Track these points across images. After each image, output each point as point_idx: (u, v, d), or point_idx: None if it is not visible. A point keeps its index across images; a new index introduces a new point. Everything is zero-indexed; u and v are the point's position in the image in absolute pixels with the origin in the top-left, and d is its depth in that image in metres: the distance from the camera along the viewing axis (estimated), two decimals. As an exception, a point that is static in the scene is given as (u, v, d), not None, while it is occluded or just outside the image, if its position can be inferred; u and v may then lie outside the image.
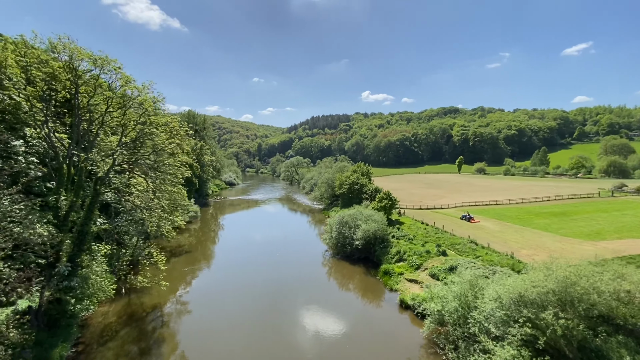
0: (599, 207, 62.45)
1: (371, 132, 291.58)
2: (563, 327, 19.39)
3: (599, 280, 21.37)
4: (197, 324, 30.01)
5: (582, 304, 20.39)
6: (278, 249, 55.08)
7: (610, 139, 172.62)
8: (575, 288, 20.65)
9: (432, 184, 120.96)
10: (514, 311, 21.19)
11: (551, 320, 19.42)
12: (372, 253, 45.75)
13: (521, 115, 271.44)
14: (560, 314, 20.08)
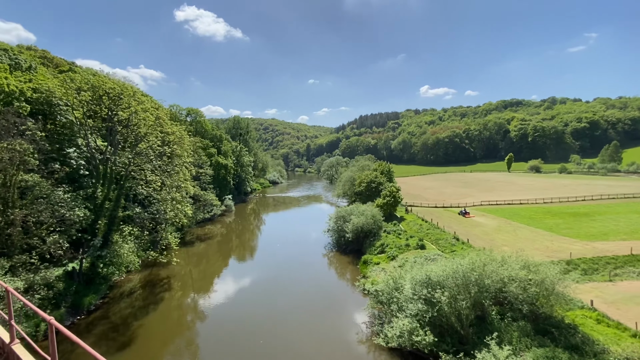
0: (633, 209, 56.05)
1: (420, 130, 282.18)
2: (449, 305, 21.92)
3: (501, 269, 23.22)
4: (198, 289, 37.74)
5: (476, 287, 22.57)
6: (287, 239, 61.70)
7: None
8: (472, 274, 22.86)
9: (469, 182, 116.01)
10: (418, 291, 23.99)
11: (440, 298, 22.04)
12: (362, 245, 49.19)
13: (597, 106, 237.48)
14: (459, 296, 22.55)
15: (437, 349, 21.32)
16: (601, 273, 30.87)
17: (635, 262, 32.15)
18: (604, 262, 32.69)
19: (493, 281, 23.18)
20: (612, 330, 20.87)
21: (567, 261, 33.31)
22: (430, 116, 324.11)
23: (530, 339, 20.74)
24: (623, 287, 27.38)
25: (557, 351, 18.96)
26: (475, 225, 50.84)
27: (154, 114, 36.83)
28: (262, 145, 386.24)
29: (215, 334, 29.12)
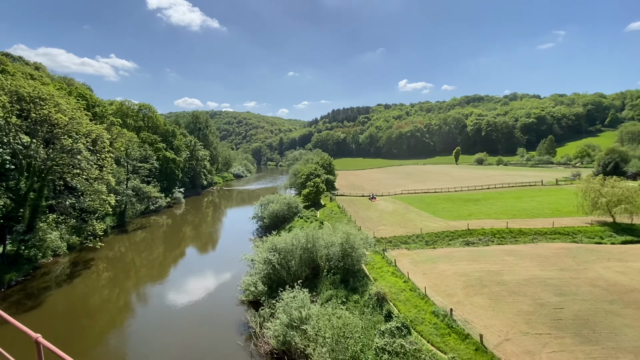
0: (516, 195, 65.75)
1: (387, 124, 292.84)
2: (279, 264, 28.92)
3: (326, 235, 30.40)
4: (123, 271, 43.45)
5: (307, 251, 29.71)
6: (225, 227, 68.11)
7: (630, 125, 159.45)
8: (304, 242, 29.94)
9: (412, 174, 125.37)
10: (264, 255, 30.89)
11: (272, 259, 28.99)
12: (278, 229, 56.04)
13: (547, 102, 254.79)
14: (290, 257, 29.57)
15: (266, 297, 28.31)
16: (437, 243, 38.96)
17: (467, 235, 40.51)
18: (444, 235, 40.91)
19: (320, 246, 30.41)
20: (395, 279, 28.50)
21: (416, 235, 41.49)
22: (398, 111, 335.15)
23: (335, 285, 28.13)
24: (436, 252, 35.42)
25: (340, 292, 26.38)
26: (377, 209, 58.70)
27: (68, 115, 41.58)
28: (235, 139, 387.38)
29: (120, 309, 35.16)
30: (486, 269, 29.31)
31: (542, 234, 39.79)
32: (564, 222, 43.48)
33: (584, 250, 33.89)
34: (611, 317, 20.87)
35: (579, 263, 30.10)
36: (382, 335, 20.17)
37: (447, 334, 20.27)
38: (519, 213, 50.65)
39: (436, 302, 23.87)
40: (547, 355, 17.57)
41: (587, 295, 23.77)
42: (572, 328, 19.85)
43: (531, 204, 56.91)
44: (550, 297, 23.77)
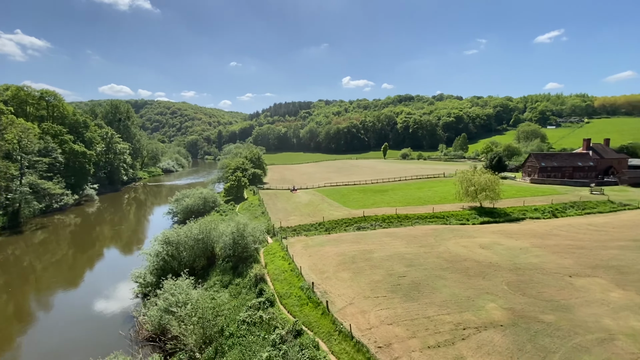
0: (421, 185, 74.47)
1: (327, 120, 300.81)
2: (169, 255, 29.80)
3: (222, 226, 31.84)
4: (5, 275, 39.65)
5: (200, 242, 30.83)
6: (138, 223, 65.06)
7: (525, 125, 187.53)
8: (193, 232, 31.03)
9: (341, 168, 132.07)
10: (157, 247, 31.45)
11: (162, 252, 29.71)
12: (193, 223, 55.94)
13: (465, 103, 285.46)
14: (181, 248, 30.45)
15: (153, 288, 29.07)
16: (335, 230, 43.03)
17: (362, 221, 45.42)
18: (343, 222, 45.31)
19: (215, 236, 31.95)
20: (282, 262, 31.41)
21: (319, 223, 45.24)
22: (338, 107, 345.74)
23: (225, 271, 30.02)
24: (329, 237, 39.42)
25: (226, 277, 28.38)
26: (294, 201, 61.79)
27: None
28: (169, 131, 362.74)
29: None
30: (362, 249, 33.80)
31: (423, 218, 46.43)
32: (444, 208, 51.10)
33: (447, 230, 40.71)
34: (438, 280, 26.20)
35: (438, 240, 36.32)
36: (249, 309, 22.68)
37: (305, 303, 23.59)
38: (414, 201, 57.82)
39: (309, 279, 27.19)
40: (375, 312, 21.73)
41: (429, 265, 29.23)
42: (404, 291, 24.57)
43: (427, 193, 65.09)
44: (401, 268, 28.71)
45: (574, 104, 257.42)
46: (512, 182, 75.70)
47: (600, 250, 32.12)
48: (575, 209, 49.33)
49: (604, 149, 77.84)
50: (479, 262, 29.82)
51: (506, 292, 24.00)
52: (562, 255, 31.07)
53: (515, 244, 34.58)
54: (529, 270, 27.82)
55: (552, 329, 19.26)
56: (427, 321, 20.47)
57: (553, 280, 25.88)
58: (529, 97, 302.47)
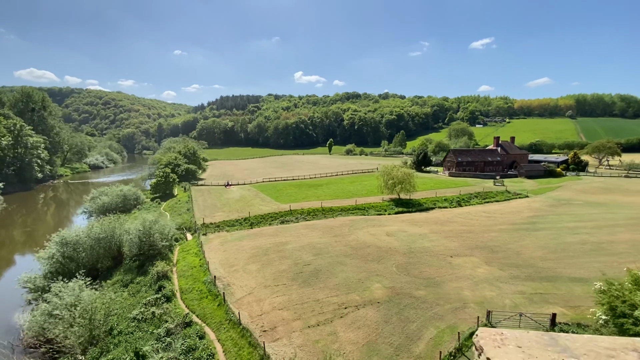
0: (354, 179, 78.31)
1: (275, 114, 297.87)
2: (64, 257, 27.85)
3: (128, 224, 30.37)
4: None
5: (102, 241, 29.13)
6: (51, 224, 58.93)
7: (455, 124, 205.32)
8: (94, 231, 29.28)
9: (286, 164, 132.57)
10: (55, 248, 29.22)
11: (56, 254, 27.66)
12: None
13: (407, 102, 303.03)
14: (79, 249, 28.57)
15: (41, 292, 27.10)
16: (260, 224, 43.59)
17: (287, 215, 46.66)
18: (269, 216, 46.11)
19: (119, 235, 30.57)
20: (193, 258, 31.26)
21: (245, 218, 45.45)
22: (287, 102, 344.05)
23: (130, 270, 28.98)
24: (251, 231, 40.05)
25: (128, 276, 27.48)
26: (226, 197, 61.03)
27: None
28: (100, 123, 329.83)
29: None
30: (278, 241, 34.96)
31: (346, 210, 49.11)
32: (367, 200, 54.51)
33: (363, 220, 43.70)
34: (338, 266, 28.29)
35: (351, 230, 38.91)
36: (143, 306, 22.41)
37: (205, 297, 23.98)
38: (343, 194, 60.69)
39: (216, 273, 27.51)
40: (270, 299, 22.94)
41: (335, 253, 31.35)
42: (305, 277, 26.17)
43: (358, 187, 68.64)
44: (309, 257, 30.39)
45: (498, 105, 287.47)
46: (434, 175, 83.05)
47: (484, 234, 37.20)
48: (478, 199, 55.99)
49: (510, 145, 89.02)
50: (380, 247, 32.72)
51: (393, 273, 26.84)
52: (452, 239, 35.38)
53: (417, 231, 38.43)
54: (419, 253, 31.30)
55: (419, 302, 22.17)
56: (316, 304, 22.19)
57: (436, 260, 29.50)
58: (462, 98, 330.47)
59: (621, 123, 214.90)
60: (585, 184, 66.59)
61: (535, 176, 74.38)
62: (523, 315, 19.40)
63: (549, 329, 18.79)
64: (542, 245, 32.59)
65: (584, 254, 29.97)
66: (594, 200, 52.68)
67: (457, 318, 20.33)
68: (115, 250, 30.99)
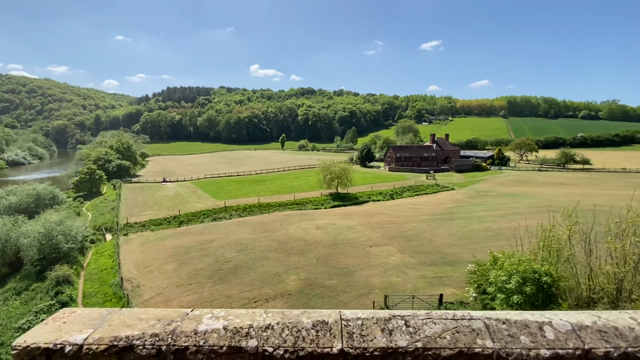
0: (299, 175, 79.00)
1: (228, 108, 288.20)
2: None
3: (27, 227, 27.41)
4: None
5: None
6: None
7: (403, 122, 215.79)
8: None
9: (235, 159, 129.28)
10: None
11: None
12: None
13: (359, 99, 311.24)
14: None
15: None
16: (190, 222, 42.11)
17: (222, 212, 45.71)
18: (201, 214, 44.80)
19: (14, 239, 27.61)
20: (107, 260, 29.35)
21: (174, 216, 43.61)
22: (240, 95, 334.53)
23: (28, 277, 26.36)
24: (177, 230, 38.69)
25: (23, 283, 25.02)
26: (160, 194, 57.97)
27: None
28: (24, 114, 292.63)
29: None
30: (204, 239, 34.15)
31: (283, 205, 49.38)
32: (307, 195, 55.35)
33: (298, 215, 44.34)
34: (260, 261, 28.46)
35: (283, 225, 39.29)
36: (34, 314, 20.59)
37: (110, 300, 22.72)
38: (285, 189, 60.87)
39: (128, 274, 26.14)
40: (180, 299, 22.43)
41: (261, 248, 31.47)
42: (222, 275, 25.96)
43: (302, 182, 69.25)
44: (232, 254, 30.15)
45: (442, 105, 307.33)
46: (376, 170, 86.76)
47: (406, 224, 39.83)
48: (410, 192, 59.66)
49: (444, 142, 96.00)
50: (307, 241, 33.52)
51: (312, 265, 27.71)
52: (375, 230, 37.38)
53: (346, 224, 39.96)
54: (342, 244, 32.65)
55: (329, 291, 23.21)
56: (226, 300, 22.15)
57: (356, 251, 31.01)
58: (411, 97, 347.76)
59: (544, 122, 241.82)
60: (504, 177, 74.31)
61: (464, 170, 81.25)
62: (415, 297, 21.27)
63: (436, 308, 20.84)
64: (452, 233, 35.81)
65: (484, 239, 33.51)
66: (507, 191, 59.00)
67: (359, 304, 21.63)
68: (11, 255, 27.92)
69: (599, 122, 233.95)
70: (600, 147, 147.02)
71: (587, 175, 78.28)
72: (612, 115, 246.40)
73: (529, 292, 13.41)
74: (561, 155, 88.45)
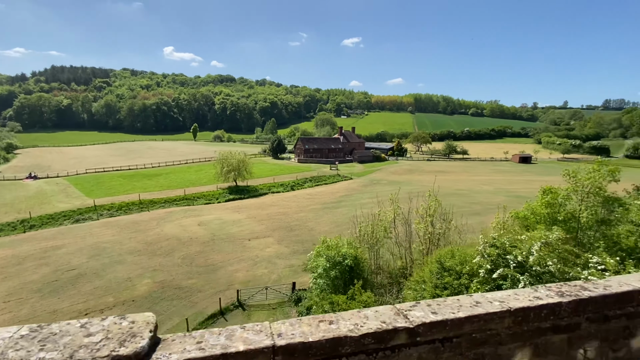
0: (202, 167, 74.19)
1: (132, 93, 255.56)
2: None
3: None
4: None
5: None
6: None
7: (322, 114, 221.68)
8: None
9: (134, 151, 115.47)
10: None
11: None
12: None
13: (281, 90, 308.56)
14: None
15: None
16: (45, 226, 35.46)
17: (90, 212, 39.85)
18: (61, 215, 38.34)
19: None
20: None
21: (21, 220, 36.23)
22: (148, 80, 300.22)
23: None
24: (21, 236, 32.33)
25: None
26: (17, 194, 48.01)
27: None
28: None
29: None
30: (51, 245, 29.03)
31: (171, 202, 45.46)
32: (202, 189, 52.11)
33: (183, 211, 41.23)
34: (113, 266, 25.25)
35: (160, 224, 35.96)
36: None
37: None
38: (178, 184, 56.23)
39: None
40: (-18, 322, 18.28)
41: (121, 251, 28.04)
42: (56, 286, 22.19)
43: (200, 175, 64.99)
44: (81, 260, 26.15)
45: (359, 99, 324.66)
46: (286, 162, 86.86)
47: (295, 214, 40.33)
48: (311, 182, 61.08)
49: (351, 135, 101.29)
50: (180, 239, 31.14)
51: (175, 265, 25.72)
52: (262, 222, 36.89)
53: (234, 217, 38.57)
54: (220, 240, 31.23)
55: (182, 292, 21.69)
56: (49, 316, 18.88)
57: (232, 246, 29.96)
58: (332, 90, 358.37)
59: (442, 118, 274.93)
60: (398, 166, 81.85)
61: (366, 161, 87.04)
62: (269, 288, 21.26)
63: (290, 296, 21.18)
64: (333, 220, 37.49)
65: (354, 225, 35.80)
66: (396, 179, 64.85)
67: (211, 302, 20.68)
68: None
69: (483, 118, 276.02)
70: (481, 140, 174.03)
71: (464, 163, 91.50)
72: (493, 113, 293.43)
73: (333, 275, 14.20)
74: (446, 146, 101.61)
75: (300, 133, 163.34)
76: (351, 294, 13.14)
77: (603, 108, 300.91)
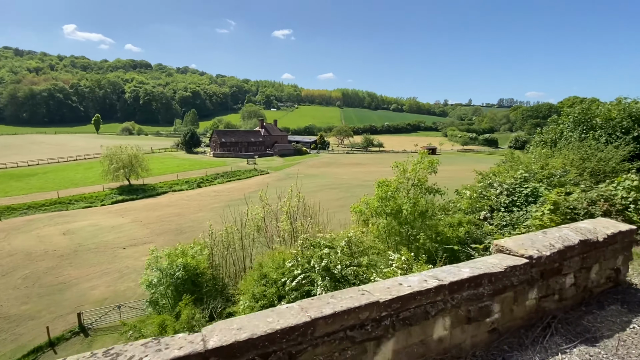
0: (87, 166, 64.38)
1: (15, 77, 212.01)
2: None
3: None
4: None
5: None
6: None
7: (249, 106, 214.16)
8: None
9: (10, 146, 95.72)
10: None
11: None
12: None
13: (205, 79, 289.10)
14: None
15: None
16: None
17: None
18: None
19: None
20: None
21: None
22: (38, 62, 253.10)
23: None
24: None
25: None
26: None
27: None
28: None
29: None
30: None
31: (37, 207, 37.87)
32: (83, 190, 44.70)
33: (49, 218, 34.63)
34: None
35: (8, 235, 29.34)
36: None
37: None
38: (57, 185, 47.38)
39: None
40: None
41: None
42: None
43: (91, 173, 55.79)
44: None
45: (289, 92, 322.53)
46: (200, 156, 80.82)
47: (192, 215, 36.96)
48: (223, 178, 57.47)
49: (273, 128, 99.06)
50: (31, 254, 25.65)
51: (11, 287, 20.84)
52: (148, 226, 32.81)
53: (114, 223, 33.61)
54: (85, 251, 26.60)
55: (6, 323, 17.45)
56: None
57: (99, 257, 25.71)
58: (261, 82, 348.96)
59: (367, 113, 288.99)
60: (317, 159, 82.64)
61: (287, 155, 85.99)
62: (124, 306, 18.34)
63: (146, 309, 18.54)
64: (237, 220, 35.17)
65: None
66: (313, 172, 65.06)
67: (43, 331, 16.95)
68: None
69: (403, 113, 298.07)
70: (399, 133, 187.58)
71: (379, 155, 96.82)
72: (411, 108, 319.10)
73: (163, 291, 12.34)
74: (364, 140, 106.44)
75: (223, 125, 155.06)
76: (178, 310, 11.46)
77: (498, 106, 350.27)
